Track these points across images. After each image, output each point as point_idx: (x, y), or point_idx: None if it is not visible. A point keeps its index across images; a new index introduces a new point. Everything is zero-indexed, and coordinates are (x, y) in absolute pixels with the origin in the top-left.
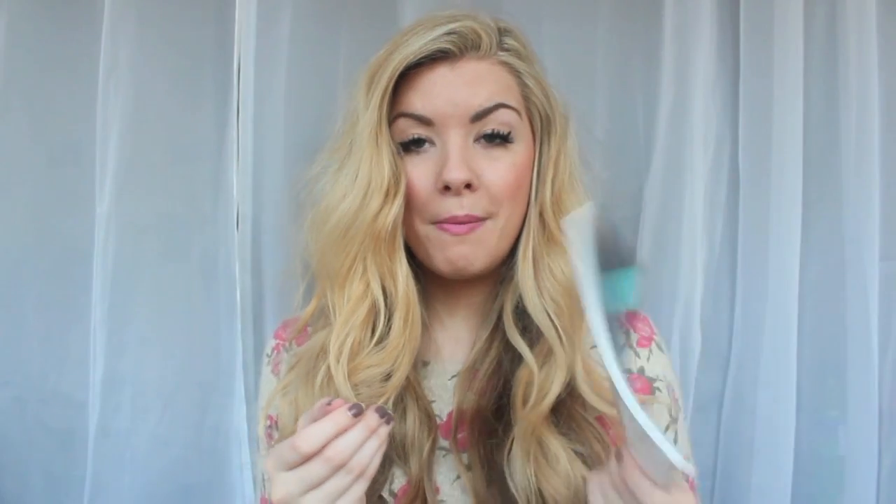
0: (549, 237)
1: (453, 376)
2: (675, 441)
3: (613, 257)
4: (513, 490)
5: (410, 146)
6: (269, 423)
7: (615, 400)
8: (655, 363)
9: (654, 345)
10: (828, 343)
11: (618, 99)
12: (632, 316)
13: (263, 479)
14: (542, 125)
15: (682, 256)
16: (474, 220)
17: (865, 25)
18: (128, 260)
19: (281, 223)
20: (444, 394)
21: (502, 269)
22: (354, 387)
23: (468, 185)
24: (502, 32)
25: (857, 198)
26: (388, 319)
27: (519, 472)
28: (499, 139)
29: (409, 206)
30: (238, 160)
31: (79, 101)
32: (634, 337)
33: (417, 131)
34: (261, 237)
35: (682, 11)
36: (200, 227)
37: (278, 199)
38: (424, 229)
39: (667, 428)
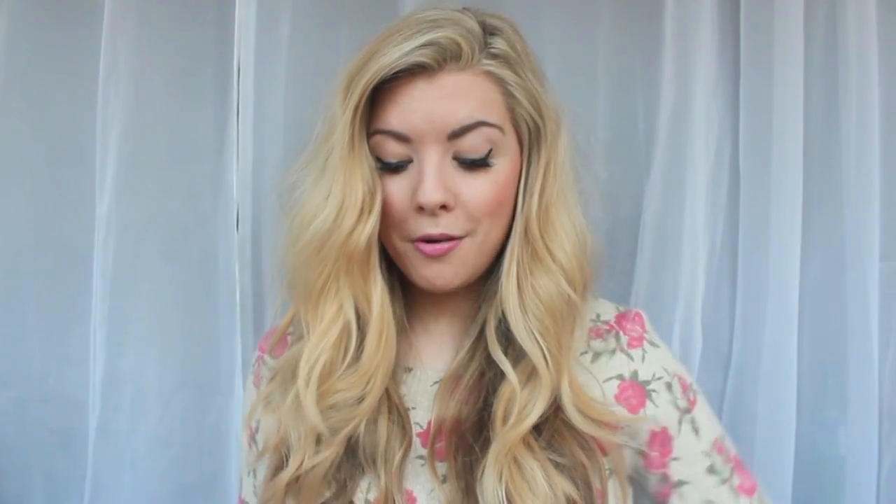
0: (534, 254)
1: (435, 383)
2: (697, 430)
3: None
4: None
5: (389, 166)
6: (249, 433)
7: None
8: (651, 361)
9: (646, 343)
10: (828, 343)
11: (618, 99)
12: (621, 317)
13: (241, 480)
14: (529, 135)
15: (682, 256)
16: (450, 240)
17: (865, 25)
18: (128, 260)
19: (280, 224)
20: (425, 401)
21: (486, 283)
22: (326, 410)
23: (443, 206)
24: (489, 33)
25: (857, 198)
26: (361, 342)
27: (489, 492)
28: (477, 164)
29: (387, 222)
30: (238, 160)
31: (79, 101)
32: (624, 339)
33: (394, 150)
34: (260, 237)
35: (683, 11)
36: (200, 227)
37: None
38: (403, 246)
39: (679, 423)
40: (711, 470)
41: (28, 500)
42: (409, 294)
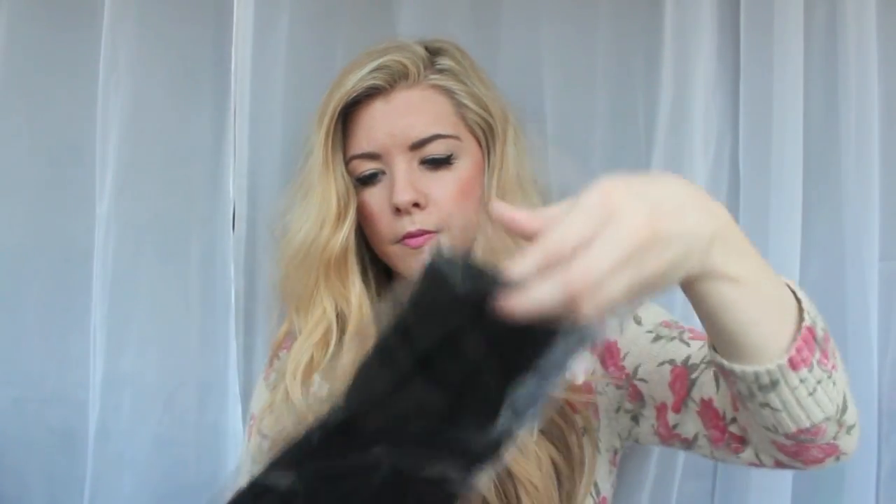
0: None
1: None
2: (639, 321)
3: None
4: None
5: (367, 181)
6: (251, 422)
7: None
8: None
9: None
10: None
11: (618, 99)
12: None
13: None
14: (485, 135)
15: None
16: (427, 234)
17: (865, 25)
18: (128, 260)
19: (276, 225)
20: None
21: None
22: (313, 401)
23: (416, 204)
24: (435, 53)
25: (857, 198)
26: (341, 339)
27: None
28: (440, 162)
29: (374, 230)
30: (235, 161)
31: (79, 101)
32: None
33: (368, 167)
34: (256, 238)
35: (682, 11)
36: (198, 227)
37: (274, 201)
38: (391, 248)
39: (620, 326)
40: (657, 338)
41: (28, 500)
42: None
